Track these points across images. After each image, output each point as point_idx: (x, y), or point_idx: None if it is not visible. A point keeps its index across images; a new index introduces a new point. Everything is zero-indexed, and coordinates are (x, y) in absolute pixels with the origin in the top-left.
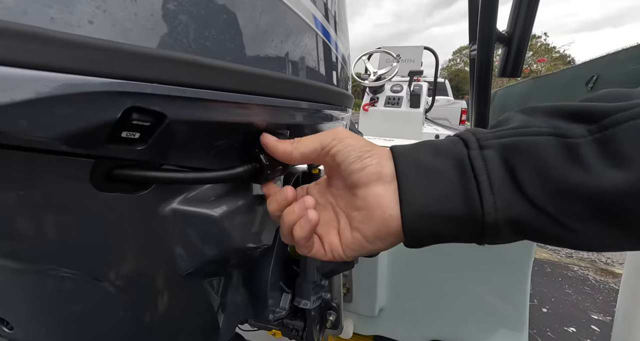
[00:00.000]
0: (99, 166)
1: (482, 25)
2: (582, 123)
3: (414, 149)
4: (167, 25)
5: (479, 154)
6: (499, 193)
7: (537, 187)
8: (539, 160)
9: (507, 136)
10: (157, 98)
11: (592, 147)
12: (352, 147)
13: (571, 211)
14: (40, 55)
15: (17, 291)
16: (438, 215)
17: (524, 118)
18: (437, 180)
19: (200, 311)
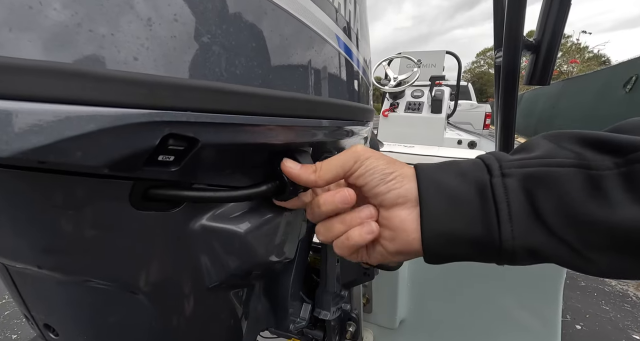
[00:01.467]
0: (137, 187)
1: (508, 33)
2: (609, 155)
3: (437, 170)
4: (201, 57)
5: (500, 182)
6: (517, 221)
7: (557, 217)
8: (561, 192)
9: (531, 165)
10: (190, 125)
11: (617, 181)
12: (375, 169)
13: (592, 242)
14: (91, 92)
15: (62, 300)
16: (457, 238)
17: (549, 147)
18: (458, 203)
19: (224, 320)
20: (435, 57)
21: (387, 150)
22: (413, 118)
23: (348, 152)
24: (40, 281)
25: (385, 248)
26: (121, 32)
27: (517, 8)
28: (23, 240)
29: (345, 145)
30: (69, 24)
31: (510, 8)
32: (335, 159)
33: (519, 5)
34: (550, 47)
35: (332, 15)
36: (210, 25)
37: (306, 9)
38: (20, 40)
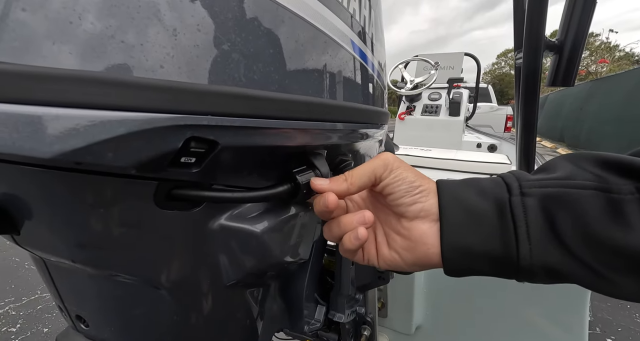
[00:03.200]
0: (161, 187)
1: (529, 33)
2: (631, 179)
3: (458, 186)
4: (222, 63)
5: (519, 201)
6: (536, 241)
7: (576, 238)
8: (581, 213)
9: (551, 186)
10: (211, 129)
11: (636, 206)
12: (403, 181)
13: (611, 265)
14: (121, 99)
15: (92, 293)
16: (476, 253)
17: (570, 168)
18: (477, 220)
19: (241, 319)
20: (453, 59)
21: (404, 153)
22: (430, 121)
23: (378, 159)
24: (73, 274)
25: (402, 257)
26: (149, 42)
27: (539, 6)
28: (60, 236)
29: (359, 147)
30: (103, 36)
31: (531, 7)
32: (367, 166)
33: (540, 4)
34: (575, 47)
35: (347, 20)
36: (230, 33)
37: (321, 16)
38: (61, 52)
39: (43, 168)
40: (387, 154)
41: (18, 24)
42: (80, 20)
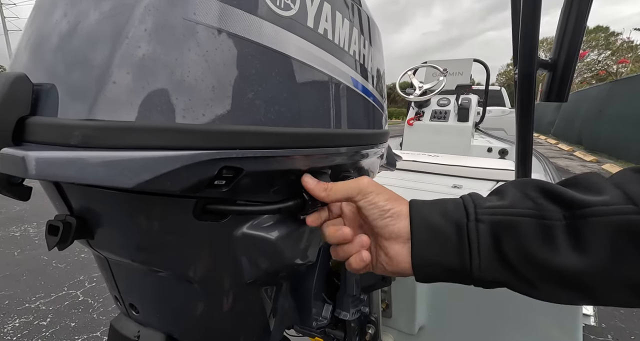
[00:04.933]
0: (199, 203)
1: (523, 54)
2: (560, 207)
3: (427, 209)
4: (247, 108)
5: (474, 226)
6: (484, 259)
7: (516, 257)
8: (520, 237)
9: (499, 214)
10: (238, 160)
11: (563, 231)
12: (374, 205)
13: (543, 278)
14: (176, 141)
15: (143, 286)
16: (439, 266)
17: (516, 196)
18: (441, 239)
19: (257, 314)
20: (462, 66)
21: (411, 159)
22: (439, 127)
23: (354, 183)
24: (130, 271)
25: (385, 268)
26: (197, 97)
27: (532, 29)
28: (124, 240)
29: (363, 164)
30: (165, 95)
31: (524, 29)
32: (343, 184)
33: (532, 26)
34: (567, 65)
35: (349, 61)
36: (253, 85)
37: (326, 62)
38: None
39: (118, 190)
40: (363, 179)
41: (107, 93)
42: (149, 84)
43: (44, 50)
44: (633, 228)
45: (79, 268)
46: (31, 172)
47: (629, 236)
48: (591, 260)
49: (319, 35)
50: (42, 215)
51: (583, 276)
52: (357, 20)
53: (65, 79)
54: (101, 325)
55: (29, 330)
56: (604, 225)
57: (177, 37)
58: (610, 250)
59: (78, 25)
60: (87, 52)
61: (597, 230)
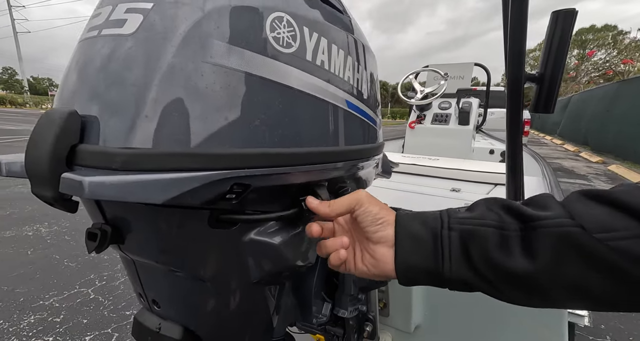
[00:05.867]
0: (212, 214)
1: (511, 69)
2: (517, 220)
3: (409, 219)
4: (254, 133)
5: (447, 234)
6: (454, 262)
7: (480, 261)
8: (484, 244)
9: (467, 224)
10: (247, 177)
11: (517, 240)
12: (368, 213)
13: (500, 280)
14: (197, 164)
15: (164, 284)
16: (417, 269)
17: (483, 210)
18: (419, 245)
19: (263, 311)
20: (463, 69)
21: (411, 162)
22: (440, 130)
23: (354, 195)
24: (153, 271)
25: (370, 270)
26: (212, 126)
27: (518, 47)
28: (150, 245)
29: (360, 175)
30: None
31: (512, 47)
32: (344, 199)
33: (519, 45)
34: (553, 79)
35: (344, 86)
36: (260, 113)
37: (324, 89)
38: (164, 138)
39: (146, 204)
40: (360, 192)
41: (141, 125)
42: (173, 118)
43: (87, 87)
44: (569, 238)
45: (89, 267)
46: (86, 193)
47: (566, 244)
48: (537, 263)
49: (317, 67)
50: (52, 215)
51: (532, 278)
52: (351, 49)
53: (106, 113)
54: (112, 322)
55: (44, 326)
56: (548, 235)
57: (197, 77)
58: (553, 255)
59: (115, 66)
60: (123, 90)
61: (543, 239)
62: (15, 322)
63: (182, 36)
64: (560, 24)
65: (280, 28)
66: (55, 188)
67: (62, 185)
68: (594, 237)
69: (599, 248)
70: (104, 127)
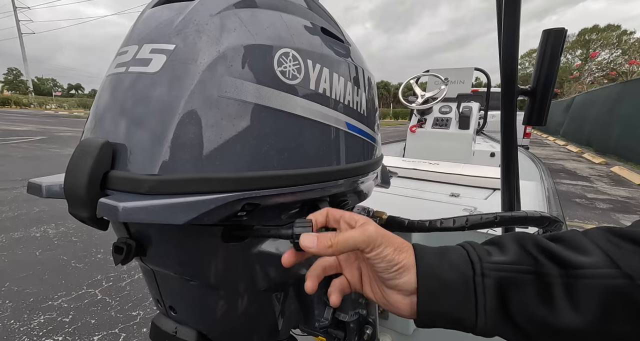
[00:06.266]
0: (225, 230)
1: (505, 83)
2: (556, 265)
3: (434, 260)
4: (262, 158)
5: (481, 281)
6: (489, 314)
7: (520, 315)
8: (524, 296)
9: (504, 270)
10: (257, 198)
11: (560, 289)
12: (382, 259)
13: (543, 335)
14: (214, 187)
15: (181, 292)
16: (443, 318)
17: (517, 251)
18: (448, 293)
19: (269, 315)
20: (463, 74)
21: (412, 167)
22: (440, 134)
23: (363, 234)
24: (171, 280)
25: (379, 302)
26: (226, 154)
27: (511, 65)
28: (169, 258)
29: (359, 189)
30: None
31: (504, 64)
32: (351, 237)
33: (512, 63)
34: (544, 94)
35: (344, 110)
36: (268, 140)
37: (326, 114)
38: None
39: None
40: (369, 228)
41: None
42: (192, 148)
43: (116, 119)
44: (619, 291)
45: (96, 268)
46: (121, 217)
47: (616, 297)
48: (585, 318)
49: (319, 94)
50: (59, 216)
51: (579, 333)
52: (350, 74)
53: (133, 143)
54: (119, 322)
55: (53, 326)
56: (596, 287)
57: (213, 110)
58: (602, 309)
59: (141, 101)
60: (148, 123)
61: (590, 291)
62: (26, 322)
63: (200, 74)
64: (550, 42)
65: (286, 62)
66: (90, 210)
67: (99, 210)
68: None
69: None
70: (131, 155)
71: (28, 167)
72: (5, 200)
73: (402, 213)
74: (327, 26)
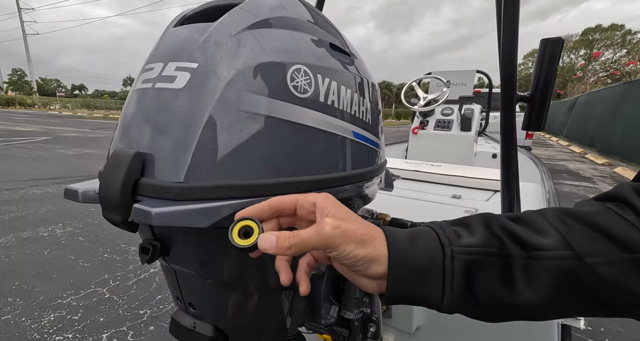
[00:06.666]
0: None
1: (504, 90)
2: (518, 246)
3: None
4: (274, 165)
5: (450, 264)
6: (456, 295)
7: (482, 296)
8: (487, 277)
9: (471, 253)
10: None
11: (520, 270)
12: (344, 256)
13: (498, 310)
14: (228, 193)
15: (199, 289)
16: (409, 298)
17: (484, 233)
18: (417, 275)
19: (279, 313)
20: (465, 76)
21: (413, 169)
22: (442, 136)
23: (319, 236)
24: (191, 278)
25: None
26: (244, 162)
27: (510, 71)
28: (191, 258)
29: (364, 193)
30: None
31: (504, 70)
32: (308, 240)
33: (511, 62)
34: (543, 100)
35: (351, 119)
36: (281, 149)
37: (334, 124)
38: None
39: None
40: (326, 229)
41: (190, 163)
42: (215, 157)
43: (144, 131)
44: (571, 271)
45: (103, 267)
46: (153, 221)
47: (567, 276)
48: (537, 295)
49: (328, 106)
50: (65, 216)
51: (531, 308)
52: (357, 86)
53: (161, 152)
54: (126, 320)
55: (63, 323)
56: (551, 268)
57: (233, 123)
58: (552, 286)
59: (167, 115)
60: (174, 135)
61: (545, 271)
62: (37, 320)
63: (221, 90)
64: (548, 50)
65: (298, 77)
66: (122, 214)
67: (133, 214)
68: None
69: (591, 277)
70: (159, 164)
71: (33, 168)
72: (13, 200)
73: (405, 214)
74: (334, 41)
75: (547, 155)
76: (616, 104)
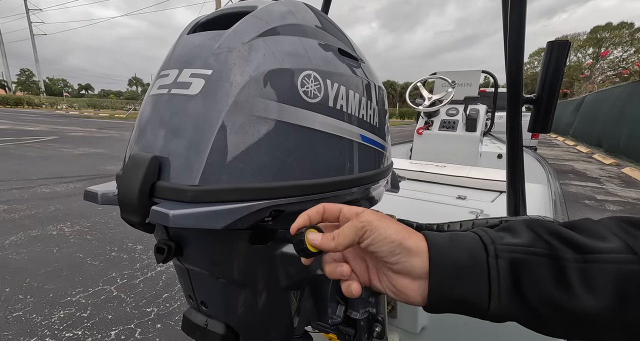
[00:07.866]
0: (253, 233)
1: (511, 94)
2: (571, 249)
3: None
4: (287, 169)
5: (495, 263)
6: (505, 297)
7: (534, 297)
8: (538, 277)
9: (517, 252)
10: (283, 205)
11: (575, 272)
12: (382, 241)
13: (556, 317)
14: (244, 196)
15: (211, 288)
16: (455, 302)
17: (530, 235)
18: (461, 276)
19: (287, 312)
20: (470, 77)
21: (418, 169)
22: (447, 137)
23: (358, 221)
24: (203, 278)
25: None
26: (256, 166)
27: (516, 75)
28: (202, 258)
29: (371, 195)
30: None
31: (509, 74)
32: (348, 228)
33: (517, 67)
34: (549, 102)
35: (359, 123)
36: (292, 153)
37: (342, 128)
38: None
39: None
40: (366, 215)
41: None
42: (228, 161)
43: (160, 135)
44: (635, 276)
45: (110, 265)
46: (171, 223)
47: (633, 282)
48: (600, 302)
49: (337, 110)
50: (73, 214)
51: (594, 317)
52: (364, 90)
53: (176, 156)
54: (134, 318)
55: (73, 320)
56: (613, 272)
57: (245, 128)
58: (618, 294)
59: (182, 120)
60: (189, 139)
61: (606, 275)
62: (47, 316)
63: (234, 96)
64: (555, 53)
65: (308, 83)
66: (140, 216)
67: (152, 216)
68: None
69: None
70: (174, 168)
71: (42, 167)
72: (23, 199)
73: (410, 215)
74: (342, 46)
75: (553, 155)
76: (624, 104)
